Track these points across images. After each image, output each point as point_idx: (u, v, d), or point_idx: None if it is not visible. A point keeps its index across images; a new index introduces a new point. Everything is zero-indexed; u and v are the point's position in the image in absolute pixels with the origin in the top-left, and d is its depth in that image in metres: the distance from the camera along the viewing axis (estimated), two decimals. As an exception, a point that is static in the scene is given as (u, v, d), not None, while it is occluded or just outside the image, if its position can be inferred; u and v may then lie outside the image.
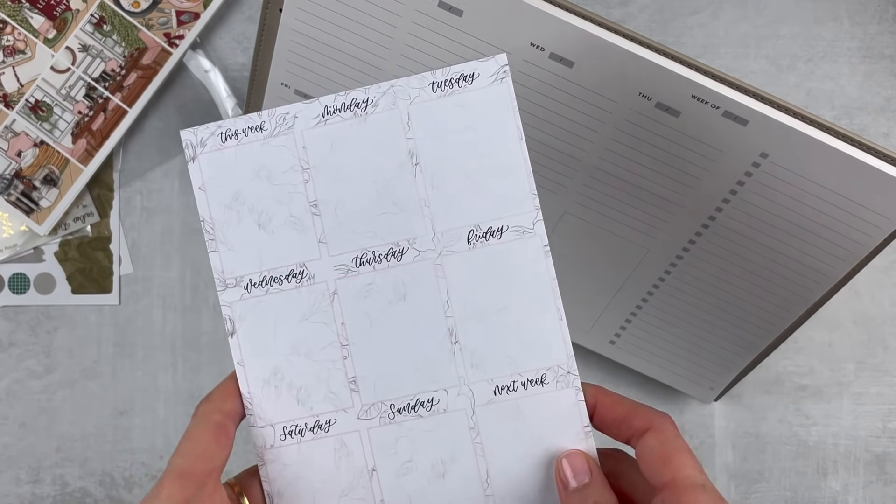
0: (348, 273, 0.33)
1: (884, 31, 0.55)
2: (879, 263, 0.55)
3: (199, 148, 0.34)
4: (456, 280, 0.33)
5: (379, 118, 0.33)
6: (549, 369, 0.33)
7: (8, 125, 0.54)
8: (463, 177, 0.33)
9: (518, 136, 0.33)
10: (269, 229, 0.33)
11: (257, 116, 0.33)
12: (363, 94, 0.33)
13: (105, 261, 0.56)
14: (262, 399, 0.34)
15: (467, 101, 0.33)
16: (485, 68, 0.32)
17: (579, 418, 0.33)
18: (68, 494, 0.56)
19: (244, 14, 0.55)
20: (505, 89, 0.32)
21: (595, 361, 0.56)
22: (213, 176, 0.34)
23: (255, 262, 0.34)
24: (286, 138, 0.33)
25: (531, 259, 0.33)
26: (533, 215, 0.33)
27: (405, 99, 0.33)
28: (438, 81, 0.33)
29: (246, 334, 0.34)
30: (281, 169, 0.33)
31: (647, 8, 0.55)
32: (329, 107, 0.33)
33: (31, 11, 0.53)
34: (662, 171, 0.45)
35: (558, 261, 0.50)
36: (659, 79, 0.42)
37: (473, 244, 0.33)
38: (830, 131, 0.41)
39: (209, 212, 0.34)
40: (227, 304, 0.34)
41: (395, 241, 0.33)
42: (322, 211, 0.33)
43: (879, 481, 0.56)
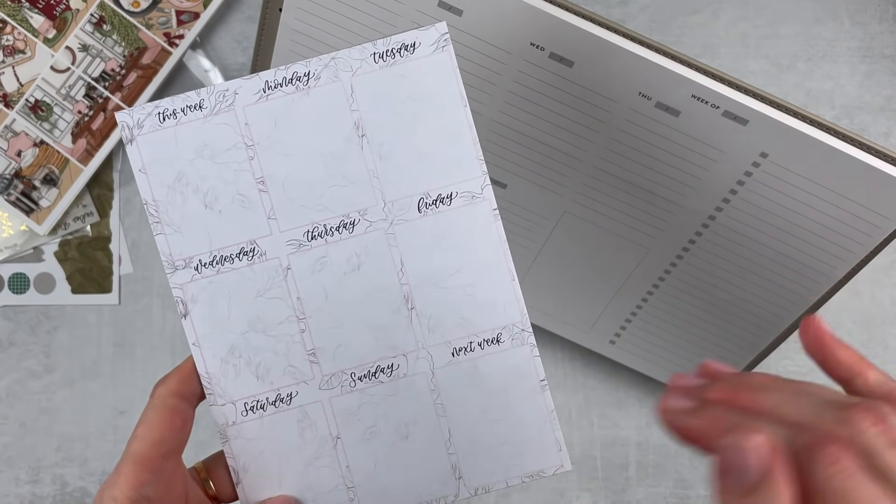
0: (300, 247, 0.34)
1: (884, 31, 0.55)
2: (879, 263, 0.55)
3: (136, 129, 0.33)
4: (409, 248, 0.34)
5: (322, 91, 0.33)
6: (504, 328, 0.34)
7: (8, 125, 0.54)
8: (410, 146, 0.33)
9: (462, 103, 0.33)
10: (216, 208, 0.33)
11: (195, 94, 0.33)
12: (304, 67, 0.33)
13: (105, 261, 0.56)
14: (221, 377, 0.34)
15: (409, 70, 0.33)
16: (426, 37, 0.33)
17: (535, 374, 0.34)
18: (68, 494, 0.56)
19: (244, 14, 0.55)
20: (447, 57, 0.33)
21: (595, 361, 0.56)
22: (153, 157, 0.33)
23: (205, 242, 0.34)
24: (227, 115, 0.33)
25: (481, 223, 0.34)
26: (481, 180, 0.33)
27: (347, 71, 0.33)
28: (380, 52, 0.33)
29: (199, 315, 0.34)
30: (224, 147, 0.33)
31: (647, 8, 0.55)
32: (270, 81, 0.33)
33: (30, 11, 0.53)
34: (662, 171, 0.45)
35: (558, 261, 0.50)
36: (659, 79, 0.42)
37: (424, 212, 0.33)
38: (830, 131, 0.41)
39: (151, 194, 0.33)
40: (178, 285, 0.34)
41: (346, 213, 0.34)
42: (269, 187, 0.33)
43: (879, 481, 0.56)
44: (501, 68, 0.44)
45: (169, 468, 0.32)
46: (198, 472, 0.36)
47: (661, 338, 0.52)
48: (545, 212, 0.48)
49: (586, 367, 0.56)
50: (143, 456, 0.32)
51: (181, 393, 0.33)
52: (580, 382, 0.56)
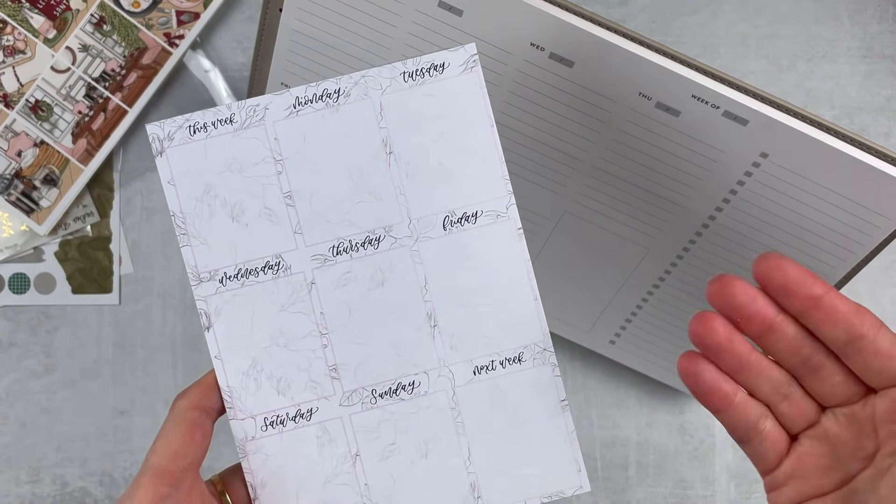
0: (325, 262, 0.34)
1: (884, 31, 0.55)
2: (879, 263, 0.55)
3: (166, 142, 0.33)
4: (433, 265, 0.34)
5: (351, 108, 0.33)
6: (525, 347, 0.34)
7: (8, 125, 0.54)
8: (436, 164, 0.33)
9: (489, 123, 0.33)
10: (243, 222, 0.34)
11: (226, 108, 0.33)
12: (335, 84, 0.33)
13: (105, 261, 0.56)
14: (242, 391, 0.34)
15: (438, 90, 0.33)
16: (455, 58, 0.33)
17: (556, 393, 0.34)
18: (68, 494, 0.56)
19: (244, 14, 0.55)
20: (475, 78, 0.33)
21: (595, 361, 0.56)
22: (182, 170, 0.33)
23: (230, 255, 0.34)
24: (257, 130, 0.33)
25: (506, 242, 0.34)
26: (506, 200, 0.33)
27: (377, 89, 0.33)
28: (409, 71, 0.33)
29: (222, 328, 0.34)
30: (253, 161, 0.33)
31: (647, 8, 0.55)
32: (300, 98, 0.33)
33: (31, 11, 0.53)
34: (662, 171, 0.45)
35: (558, 261, 0.50)
36: (659, 79, 0.42)
37: (449, 230, 0.34)
38: (830, 131, 0.41)
39: (179, 206, 0.34)
40: (202, 298, 0.34)
41: (372, 229, 0.34)
42: (296, 202, 0.34)
43: (879, 481, 0.56)
44: (501, 68, 0.44)
45: (187, 482, 0.32)
46: (214, 486, 0.35)
47: (661, 338, 0.52)
48: (545, 212, 0.48)
49: (586, 367, 0.56)
50: (162, 469, 0.31)
51: (202, 406, 0.33)
52: (580, 382, 0.56)
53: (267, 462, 0.34)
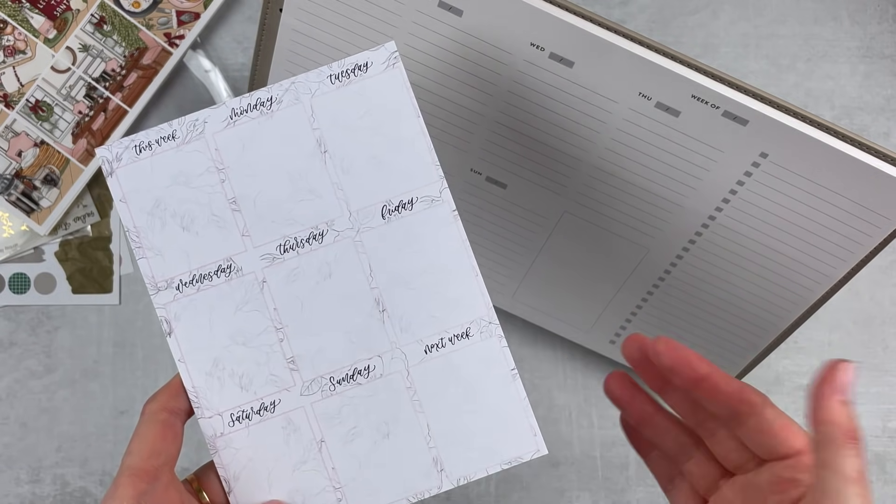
0: (274, 261, 0.36)
1: (884, 31, 0.55)
2: (879, 263, 0.55)
3: (115, 163, 0.35)
4: (376, 253, 0.35)
5: (284, 114, 0.35)
6: (472, 322, 0.36)
7: (8, 125, 0.54)
8: (370, 157, 0.35)
9: (415, 114, 0.35)
10: (193, 230, 0.35)
11: (168, 126, 0.35)
12: (266, 93, 0.35)
13: (105, 261, 0.56)
14: (207, 391, 0.36)
15: (364, 88, 0.35)
16: (377, 56, 0.35)
17: (505, 363, 0.36)
18: (68, 494, 0.56)
19: (244, 14, 0.55)
20: (398, 73, 0.35)
21: (595, 361, 0.56)
22: (132, 187, 0.35)
23: (184, 262, 0.36)
24: (198, 143, 0.35)
25: (442, 224, 0.35)
26: (439, 185, 0.35)
27: (307, 93, 0.35)
28: (335, 73, 0.35)
29: (183, 332, 0.36)
30: (197, 172, 0.35)
31: (647, 8, 0.55)
32: (236, 108, 0.35)
33: (31, 11, 0.53)
34: (662, 171, 0.45)
35: (558, 261, 0.50)
36: (659, 79, 0.42)
37: (388, 218, 0.35)
38: (830, 131, 0.41)
39: (132, 221, 0.36)
40: (162, 305, 0.36)
41: (315, 225, 0.35)
42: (241, 206, 0.35)
43: (879, 481, 0.56)
44: (501, 68, 0.44)
45: (164, 479, 0.34)
46: (190, 484, 0.37)
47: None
48: (545, 212, 0.48)
49: (586, 367, 0.56)
50: (138, 468, 0.33)
51: (170, 408, 0.35)
52: (580, 382, 0.56)
53: (237, 456, 0.36)
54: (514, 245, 0.50)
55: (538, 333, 0.56)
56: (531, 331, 0.56)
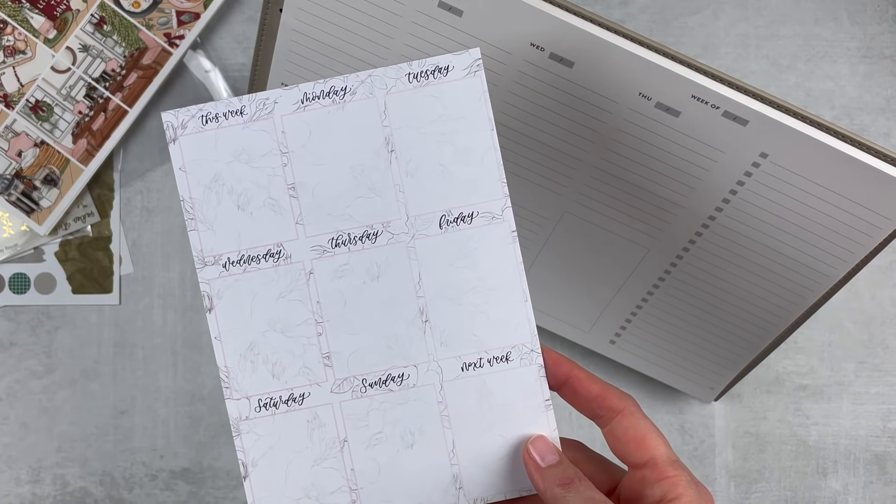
0: (324, 254, 0.35)
1: (884, 31, 0.55)
2: (879, 263, 0.55)
3: (179, 130, 0.35)
4: (427, 262, 0.35)
5: (356, 106, 0.34)
6: (513, 347, 0.35)
7: (8, 125, 0.54)
8: (436, 164, 0.34)
9: (490, 126, 0.34)
10: (248, 210, 0.35)
11: (238, 101, 0.34)
12: (342, 82, 0.34)
13: (105, 261, 0.56)
14: (239, 372, 0.35)
15: (442, 92, 0.34)
16: (459, 61, 0.34)
17: (541, 393, 0.35)
18: (68, 494, 0.56)
19: (244, 14, 0.55)
20: (478, 81, 0.34)
21: (595, 361, 0.56)
22: (193, 157, 0.35)
23: (234, 241, 0.35)
24: (266, 123, 0.35)
25: (499, 244, 0.35)
26: (502, 202, 0.34)
27: (382, 88, 0.34)
28: (415, 73, 0.34)
29: (223, 310, 0.35)
30: (260, 152, 0.35)
31: (647, 8, 0.55)
32: (308, 93, 0.34)
33: (31, 11, 0.53)
34: (662, 171, 0.45)
35: (558, 261, 0.50)
36: (659, 79, 0.42)
37: (445, 228, 0.35)
38: (830, 131, 0.41)
39: (189, 192, 0.35)
40: (206, 281, 0.35)
41: (370, 224, 0.35)
42: (300, 194, 0.35)
43: (879, 481, 0.56)
44: (501, 68, 0.44)
45: None
46: None
47: (661, 338, 0.52)
48: (545, 212, 0.48)
49: (586, 367, 0.56)
50: None
51: None
52: (580, 382, 0.56)
53: (259, 442, 0.35)
54: (514, 245, 0.50)
55: (538, 333, 0.56)
56: (531, 331, 0.56)
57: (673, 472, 0.32)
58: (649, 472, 0.32)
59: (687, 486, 0.32)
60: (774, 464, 0.56)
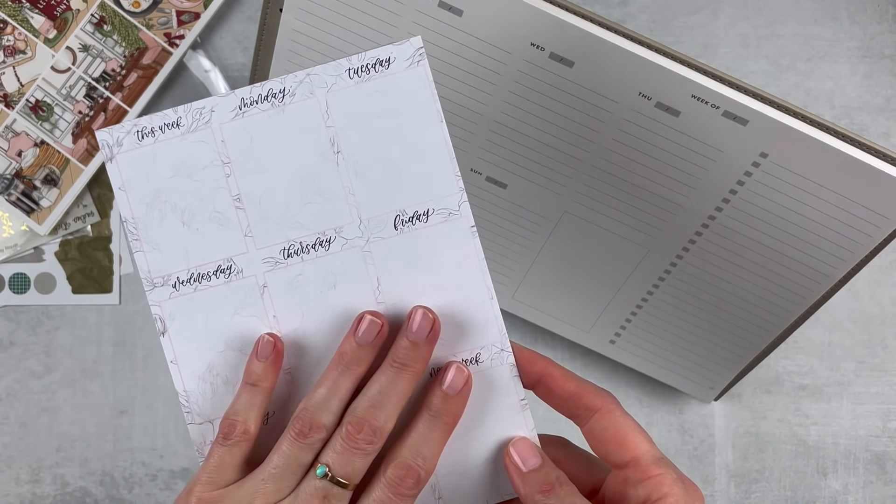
0: (276, 265, 0.33)
1: (884, 31, 0.55)
2: (879, 263, 0.55)
3: (116, 147, 0.33)
4: (385, 266, 0.33)
5: (297, 108, 0.32)
6: (483, 348, 0.33)
7: (8, 125, 0.54)
8: (386, 162, 0.33)
9: (438, 118, 0.32)
10: (194, 226, 0.33)
11: (173, 112, 0.33)
12: (279, 83, 0.32)
13: (105, 260, 0.56)
14: (199, 396, 0.34)
15: (385, 86, 0.32)
16: (401, 52, 0.32)
17: (515, 393, 0.33)
18: (68, 494, 0.56)
19: (244, 14, 0.55)
20: (422, 72, 0.32)
21: (595, 361, 0.56)
22: (132, 175, 0.33)
23: (182, 259, 0.33)
24: (204, 133, 0.33)
25: (459, 241, 0.33)
26: (458, 197, 0.32)
27: (322, 87, 0.32)
28: (355, 67, 0.32)
29: (177, 332, 0.34)
30: (201, 164, 0.33)
31: (647, 8, 0.55)
32: (245, 98, 0.33)
33: (31, 11, 0.53)
34: (662, 171, 0.45)
35: (558, 261, 0.50)
36: (659, 79, 0.42)
37: (400, 229, 0.33)
38: (830, 131, 0.41)
39: (131, 211, 0.33)
40: (157, 303, 0.33)
41: (322, 230, 0.33)
42: (246, 205, 0.33)
43: (879, 481, 0.56)
44: (501, 68, 0.44)
45: None
46: None
47: (661, 338, 0.52)
48: (545, 212, 0.48)
49: (586, 367, 0.56)
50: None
51: None
52: (580, 382, 0.56)
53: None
54: (514, 245, 0.50)
55: (538, 333, 0.56)
56: (531, 331, 0.56)
57: (657, 470, 0.31)
58: (632, 472, 0.31)
59: (673, 484, 0.30)
60: (774, 463, 0.56)
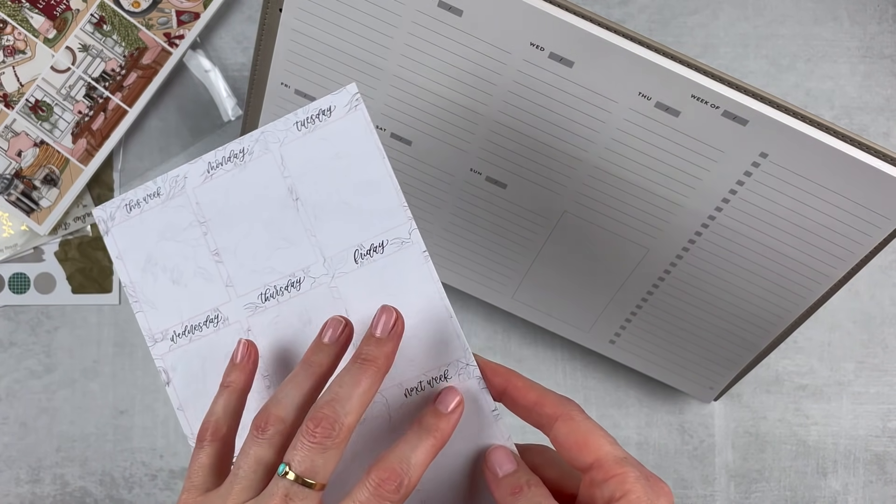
0: (256, 310, 0.36)
1: (883, 31, 0.55)
2: (879, 263, 0.55)
3: (110, 222, 0.37)
4: (351, 298, 0.35)
5: (256, 164, 0.35)
6: (449, 365, 0.35)
7: (8, 125, 0.54)
8: (340, 202, 0.35)
9: (380, 155, 0.34)
10: (182, 283, 0.36)
11: (153, 184, 0.36)
12: (238, 145, 0.35)
13: (105, 260, 0.56)
14: None
15: (330, 132, 0.35)
16: (339, 100, 0.34)
17: (486, 405, 0.35)
18: (68, 494, 0.56)
19: (244, 14, 0.55)
20: (360, 115, 0.34)
21: (595, 361, 0.56)
22: (126, 244, 0.37)
23: (176, 314, 0.37)
24: (181, 198, 0.36)
25: (414, 266, 0.35)
26: (407, 226, 0.34)
27: (276, 142, 0.35)
28: (301, 120, 0.35)
29: (180, 381, 0.37)
30: (182, 227, 0.36)
31: (646, 8, 0.55)
32: (212, 162, 0.36)
33: (31, 11, 0.53)
34: (662, 171, 0.45)
35: (558, 261, 0.50)
36: (659, 79, 0.42)
37: (360, 262, 0.35)
38: (830, 131, 0.41)
39: (128, 277, 0.37)
40: (159, 356, 0.37)
41: (292, 272, 0.35)
42: (224, 258, 0.36)
43: (879, 481, 0.56)
44: (501, 68, 0.44)
45: None
46: None
47: (661, 338, 0.52)
48: (545, 212, 0.48)
49: (586, 367, 0.56)
50: None
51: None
52: (580, 382, 0.56)
53: None
54: (514, 245, 0.50)
55: (538, 333, 0.56)
56: (531, 331, 0.56)
57: (619, 469, 0.31)
58: (596, 474, 0.31)
59: (635, 481, 0.31)
60: (774, 464, 0.56)
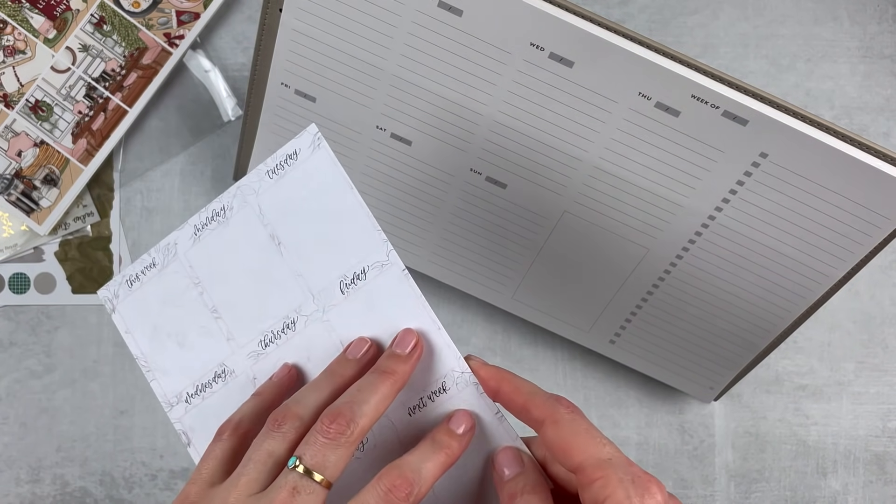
0: (259, 357, 0.37)
1: (883, 31, 0.55)
2: (879, 263, 0.55)
3: (115, 300, 0.38)
4: (344, 327, 0.36)
5: (238, 218, 0.37)
6: (445, 376, 0.35)
7: (8, 125, 0.54)
8: (319, 239, 0.36)
9: (348, 186, 0.35)
10: (188, 345, 0.38)
11: (148, 256, 0.38)
12: (219, 203, 0.37)
13: (105, 260, 0.56)
14: None
15: (298, 175, 0.36)
16: (302, 142, 0.36)
17: (488, 408, 0.35)
18: (68, 494, 0.56)
19: (244, 14, 0.55)
20: (324, 152, 0.35)
21: (595, 361, 0.56)
22: (133, 318, 0.38)
23: (187, 376, 0.38)
24: (175, 264, 0.38)
25: (395, 286, 0.35)
26: (384, 248, 0.35)
27: (252, 193, 0.36)
28: (270, 168, 0.36)
29: (199, 440, 0.38)
30: (179, 291, 0.38)
31: (646, 8, 0.55)
32: (197, 224, 0.37)
33: (31, 11, 0.53)
34: (662, 171, 0.45)
35: (558, 261, 0.50)
36: (659, 79, 0.42)
37: (346, 292, 0.36)
38: (830, 131, 0.41)
39: (139, 349, 0.38)
40: (177, 419, 0.38)
41: (286, 314, 0.37)
42: (222, 313, 0.37)
43: (879, 481, 0.56)
44: (501, 68, 0.44)
45: None
46: None
47: (662, 338, 0.52)
48: (545, 212, 0.48)
49: (586, 367, 0.56)
50: None
51: None
52: (580, 382, 0.56)
53: None
54: (514, 245, 0.50)
55: (538, 333, 0.56)
56: (531, 331, 0.56)
57: (599, 473, 0.30)
58: (580, 478, 0.31)
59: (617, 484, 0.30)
60: (774, 464, 0.56)
